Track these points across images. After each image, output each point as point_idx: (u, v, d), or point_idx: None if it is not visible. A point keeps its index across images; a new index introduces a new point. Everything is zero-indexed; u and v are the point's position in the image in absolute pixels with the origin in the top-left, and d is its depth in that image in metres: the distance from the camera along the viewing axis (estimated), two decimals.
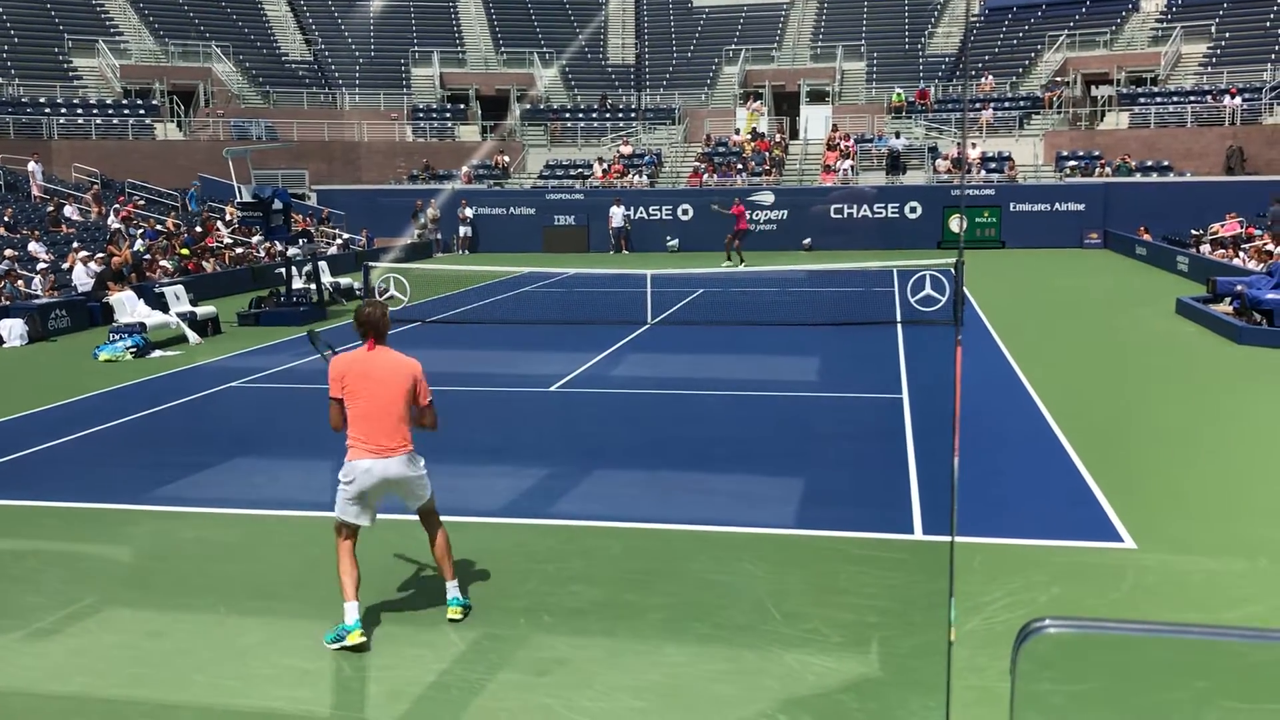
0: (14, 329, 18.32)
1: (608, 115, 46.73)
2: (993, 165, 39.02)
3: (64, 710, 5.64)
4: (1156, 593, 6.94)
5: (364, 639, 6.13)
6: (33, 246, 24.40)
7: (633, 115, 46.61)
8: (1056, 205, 35.80)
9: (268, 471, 10.26)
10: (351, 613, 6.18)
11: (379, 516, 6.56)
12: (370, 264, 22.18)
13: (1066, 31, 46.42)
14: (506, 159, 43.18)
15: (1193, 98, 40.38)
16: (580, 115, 46.90)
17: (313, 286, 21.86)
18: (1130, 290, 24.20)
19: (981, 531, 7.99)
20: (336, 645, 6.17)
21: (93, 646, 6.29)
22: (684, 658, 6.07)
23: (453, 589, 6.62)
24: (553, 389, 13.98)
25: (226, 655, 6.19)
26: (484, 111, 47.51)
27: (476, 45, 51.51)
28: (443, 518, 6.69)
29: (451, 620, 6.52)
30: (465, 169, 41.69)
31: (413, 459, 6.42)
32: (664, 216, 37.66)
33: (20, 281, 21.12)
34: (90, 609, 6.82)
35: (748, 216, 30.89)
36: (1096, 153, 39.18)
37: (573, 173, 42.22)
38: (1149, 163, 38.17)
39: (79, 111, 39.76)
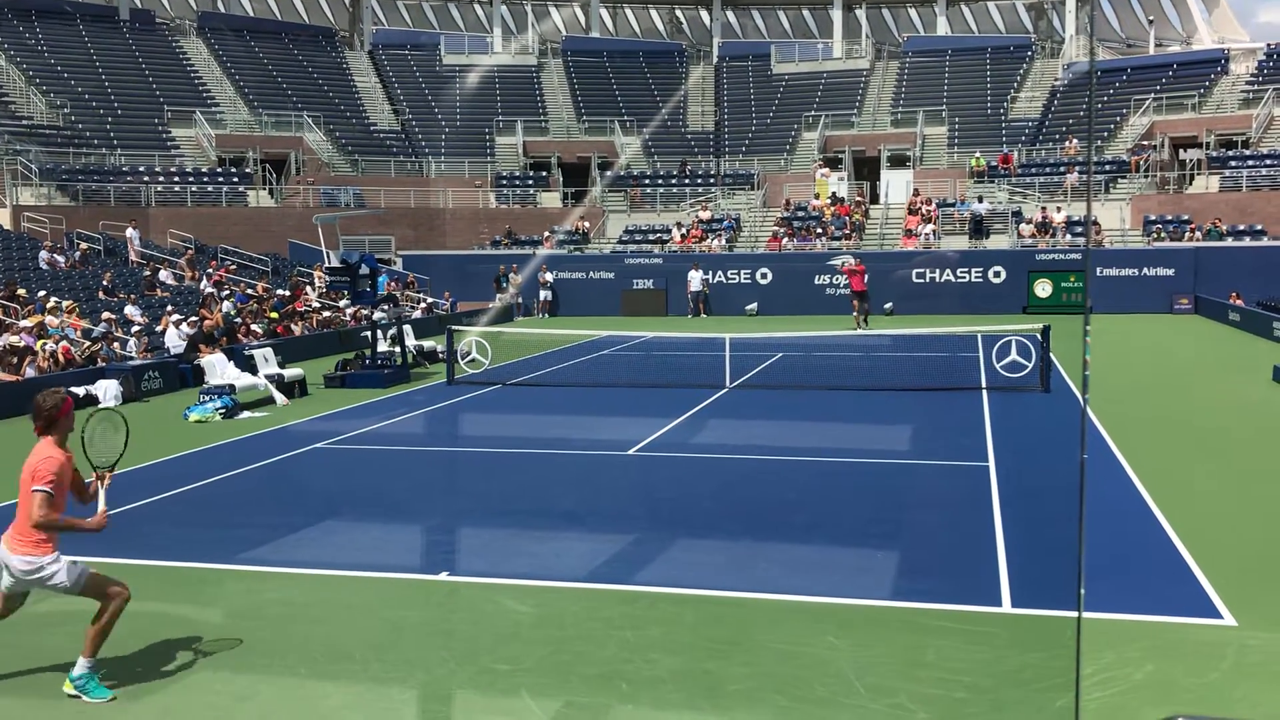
0: (109, 389, 18.85)
1: (687, 181, 47.14)
2: (1078, 229, 38.47)
3: None
4: (1260, 673, 6.66)
5: None
6: (129, 309, 25.19)
7: (711, 181, 46.94)
8: (1145, 270, 35.14)
9: (351, 533, 10.36)
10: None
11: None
12: (454, 327, 22.50)
13: (1153, 95, 45.87)
14: (587, 224, 43.70)
15: None
16: (660, 181, 47.37)
17: (397, 349, 22.24)
18: (1224, 357, 23.56)
19: (1071, 605, 7.75)
20: None
21: (182, 707, 6.36)
22: None
23: (81, 664, 6.46)
24: (631, 453, 13.97)
25: (310, 719, 6.22)
26: (565, 178, 48.24)
27: (559, 114, 52.47)
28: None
29: (67, 692, 6.41)
30: (548, 234, 42.26)
31: (30, 563, 6.31)
32: (743, 280, 37.72)
33: (116, 344, 21.77)
34: (179, 669, 6.90)
35: (864, 279, 30.70)
36: (1185, 217, 38.47)
37: (651, 237, 42.55)
38: (1241, 227, 37.34)
39: (175, 180, 41.19)
